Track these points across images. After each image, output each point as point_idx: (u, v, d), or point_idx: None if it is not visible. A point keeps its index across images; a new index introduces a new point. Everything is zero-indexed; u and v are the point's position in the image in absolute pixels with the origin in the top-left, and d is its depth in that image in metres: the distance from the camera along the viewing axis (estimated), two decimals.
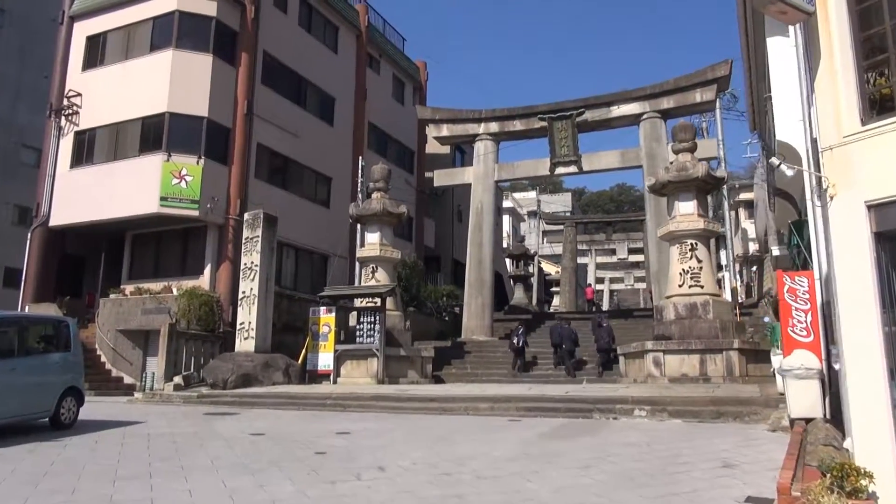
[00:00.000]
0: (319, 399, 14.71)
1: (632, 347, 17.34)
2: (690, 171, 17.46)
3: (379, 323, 19.02)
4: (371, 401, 13.90)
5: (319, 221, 25.20)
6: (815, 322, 9.52)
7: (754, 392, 12.63)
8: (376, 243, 21.07)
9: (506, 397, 13.02)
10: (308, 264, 25.10)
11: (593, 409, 11.92)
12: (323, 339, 19.44)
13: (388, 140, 30.75)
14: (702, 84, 25.26)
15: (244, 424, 11.53)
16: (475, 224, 27.35)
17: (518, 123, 27.61)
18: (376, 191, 21.54)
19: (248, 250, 18.77)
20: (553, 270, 61.43)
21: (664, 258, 24.52)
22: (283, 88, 24.22)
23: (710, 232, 17.66)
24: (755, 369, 15.81)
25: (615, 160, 26.59)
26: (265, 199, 22.02)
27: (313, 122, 25.69)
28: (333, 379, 18.95)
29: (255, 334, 18.09)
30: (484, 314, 26.20)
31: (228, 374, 17.01)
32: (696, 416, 11.17)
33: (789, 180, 12.61)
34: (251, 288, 18.43)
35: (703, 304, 16.82)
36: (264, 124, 22.97)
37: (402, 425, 11.18)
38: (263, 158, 23.05)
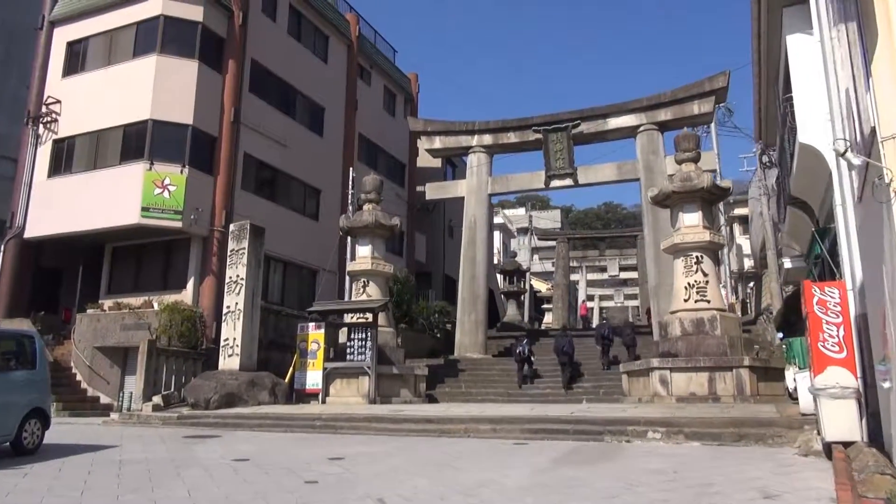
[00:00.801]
0: (308, 420, 13.81)
1: (636, 365, 16.60)
2: (695, 181, 16.86)
3: (370, 339, 18.16)
4: (364, 422, 13.02)
5: (308, 235, 24.37)
6: (849, 336, 8.81)
7: (772, 412, 11.90)
8: (368, 256, 20.25)
9: (509, 418, 12.19)
10: (296, 279, 24.21)
11: (603, 432, 11.12)
12: (311, 357, 18.54)
13: (379, 152, 30.06)
14: (699, 96, 24.89)
15: (227, 449, 10.61)
16: (468, 238, 26.64)
17: (512, 136, 27.04)
18: (368, 202, 20.76)
19: (234, 263, 17.89)
20: (543, 287, 60.82)
21: (663, 273, 23.94)
22: (272, 97, 23.49)
23: (715, 244, 17.04)
24: (766, 388, 15.12)
25: (612, 173, 26.04)
26: (252, 210, 21.20)
27: (302, 133, 24.94)
28: (322, 398, 18.03)
29: (240, 351, 17.16)
30: (477, 331, 25.42)
31: (211, 393, 16.05)
32: (715, 438, 10.40)
33: (806, 188, 12.01)
34: (236, 302, 17.52)
35: (710, 320, 16.13)
36: (252, 133, 22.19)
37: (399, 449, 10.31)
38: (250, 169, 22.23)
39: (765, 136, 16.99)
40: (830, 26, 9.22)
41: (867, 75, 5.59)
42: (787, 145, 12.21)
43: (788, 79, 11.97)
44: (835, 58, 8.62)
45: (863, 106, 5.89)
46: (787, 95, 10.51)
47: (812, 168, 10.60)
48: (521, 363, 19.83)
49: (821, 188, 11.04)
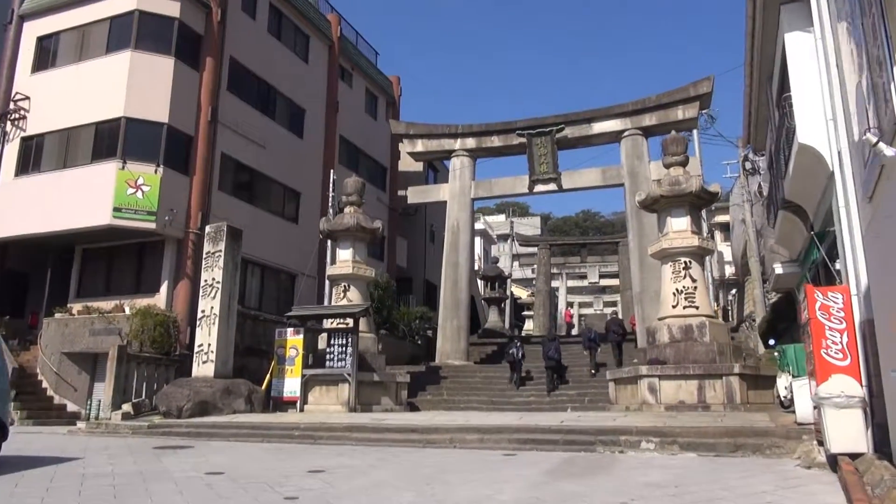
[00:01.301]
0: (286, 430, 13.22)
1: (623, 373, 16.25)
2: (684, 185, 16.61)
3: (351, 346, 17.61)
4: (345, 432, 12.47)
5: (287, 238, 23.75)
6: (852, 343, 8.49)
7: (766, 421, 11.59)
8: (349, 260, 19.71)
9: (496, 428, 11.73)
10: (274, 283, 23.56)
11: (595, 442, 10.71)
12: (289, 363, 17.92)
13: (360, 155, 29.53)
14: (684, 101, 24.80)
15: (199, 460, 10.01)
16: (451, 243, 26.23)
17: (496, 139, 26.73)
18: (349, 204, 20.23)
19: (210, 266, 17.24)
20: (524, 294, 60.54)
21: (648, 279, 23.74)
22: (251, 97, 22.88)
23: (704, 250, 16.79)
24: (756, 396, 14.85)
25: (596, 178, 25.83)
26: (229, 212, 20.55)
27: (282, 134, 24.34)
28: (300, 406, 17.43)
29: (214, 357, 16.50)
30: (459, 337, 24.99)
31: (184, 401, 15.37)
32: (710, 449, 10.04)
33: (801, 191, 11.74)
34: (212, 307, 16.87)
35: (698, 326, 15.85)
36: (229, 133, 21.56)
37: (383, 461, 9.80)
38: (228, 169, 21.58)
39: (754, 140, 16.78)
40: (833, 22, 8.96)
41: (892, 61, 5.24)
42: (783, 147, 11.95)
43: (784, 79, 11.71)
44: (841, 53, 8.33)
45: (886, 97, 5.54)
46: (785, 95, 10.23)
47: (810, 170, 10.31)
48: (513, 365, 20.03)
49: (817, 191, 10.76)
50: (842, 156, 8.76)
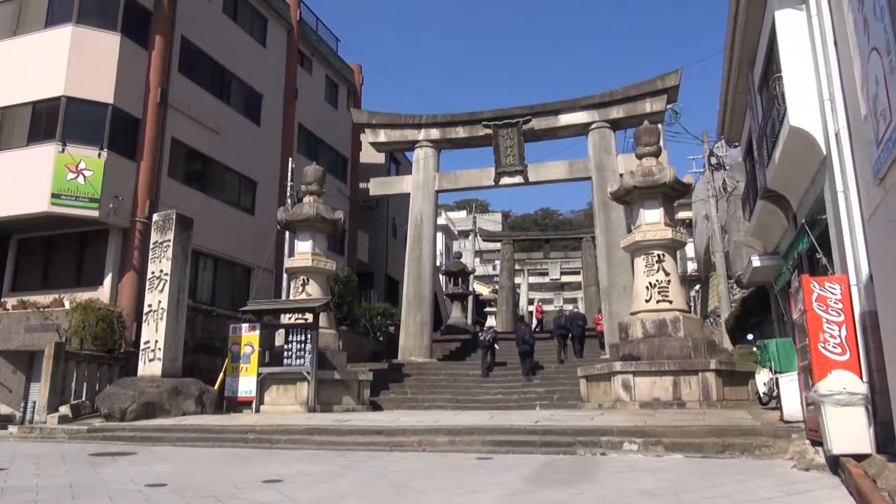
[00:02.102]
0: (240, 433, 12.23)
1: (596, 369, 15.67)
2: (657, 175, 16.11)
3: (310, 342, 16.65)
4: (304, 434, 11.55)
5: (243, 229, 22.57)
6: (852, 337, 7.99)
7: (749, 419, 11.10)
8: (308, 252, 18.71)
9: (468, 429, 10.97)
10: (229, 277, 22.35)
11: (575, 443, 10.04)
12: (244, 361, 16.85)
13: (320, 145, 28.42)
14: (651, 94, 24.42)
15: (140, 469, 8.99)
16: (414, 236, 25.42)
17: (461, 130, 26.00)
18: (309, 194, 19.22)
19: (157, 256, 16.04)
20: (485, 291, 60.04)
21: (615, 274, 23.35)
22: (204, 80, 21.61)
23: (677, 242, 16.34)
24: (731, 392, 14.43)
25: (563, 171, 25.31)
26: (180, 201, 19.30)
27: (238, 120, 23.12)
28: (256, 407, 16.41)
29: (162, 355, 15.33)
30: (423, 334, 24.20)
31: (128, 402, 14.20)
32: (697, 449, 9.46)
33: (786, 179, 11.29)
34: (159, 300, 15.69)
35: (672, 321, 15.37)
36: (181, 117, 20.28)
37: (346, 468, 8.93)
38: (179, 155, 20.31)
39: (728, 131, 16.39)
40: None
41: None
42: (766, 135, 11.48)
43: (769, 63, 11.24)
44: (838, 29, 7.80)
45: None
46: (774, 76, 9.72)
47: (799, 155, 9.84)
48: (486, 350, 20.35)
49: (805, 177, 10.30)
50: (840, 138, 8.23)
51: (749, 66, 12.75)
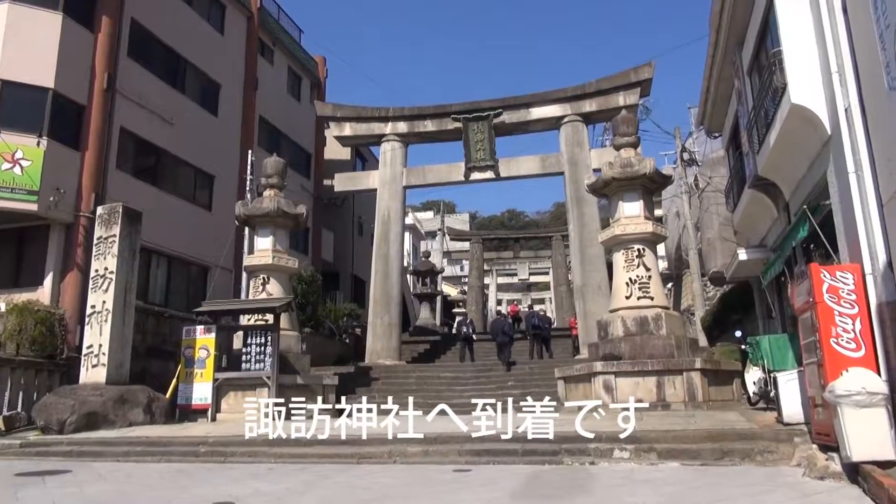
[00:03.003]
0: (191, 445, 11.09)
1: (575, 370, 14.86)
2: (636, 167, 15.38)
3: (271, 345, 15.53)
4: (262, 446, 10.47)
5: (199, 226, 21.27)
6: (867, 330, 7.29)
7: (743, 422, 10.40)
8: (268, 249, 17.56)
9: (443, 437, 10.05)
10: (184, 276, 21.04)
11: (560, 451, 9.19)
12: (199, 366, 15.63)
13: (282, 139, 27.18)
14: (625, 87, 23.84)
15: (69, 492, 7.85)
16: (381, 234, 24.40)
17: (430, 124, 25.09)
18: (269, 187, 18.06)
19: (102, 253, 14.72)
20: (453, 291, 59.18)
21: (589, 272, 22.68)
22: (156, 66, 20.26)
23: (658, 236, 15.63)
24: (717, 392, 13.76)
25: (535, 166, 24.58)
26: (130, 195, 17.89)
27: (193, 110, 21.82)
28: (212, 415, 15.21)
29: (106, 360, 14.01)
30: (391, 335, 23.20)
31: (67, 413, 12.89)
32: (694, 456, 8.67)
33: (781, 165, 10.63)
34: (103, 301, 14.38)
35: (654, 318, 14.65)
36: (131, 105, 18.94)
37: (309, 484, 7.93)
38: (128, 146, 18.95)
39: (709, 120, 15.79)
40: None
41: None
42: (757, 119, 10.81)
43: (762, 40, 10.57)
44: None
45: None
46: (774, 50, 9.01)
47: (798, 136, 9.16)
48: (465, 344, 21.29)
49: (803, 161, 9.63)
50: (850, 113, 7.54)
51: (737, 47, 12.09)
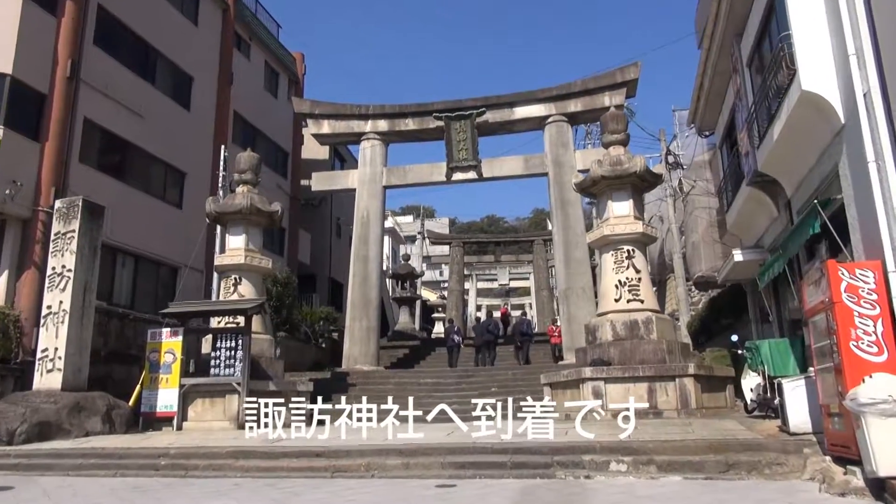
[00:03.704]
0: (151, 457, 10.20)
1: (562, 376, 14.19)
2: (626, 165, 14.82)
3: (242, 349, 14.68)
4: (228, 459, 9.64)
5: (169, 224, 20.32)
6: (889, 333, 6.71)
7: (744, 431, 9.79)
8: (241, 248, 16.72)
9: (424, 448, 9.30)
10: (152, 277, 20.05)
11: (552, 464, 8.48)
12: (165, 371, 14.72)
13: (258, 136, 26.26)
14: (610, 87, 23.39)
15: None
16: (360, 235, 23.63)
17: (410, 122, 24.43)
18: (242, 183, 17.23)
19: (59, 250, 13.76)
20: (432, 296, 58.41)
21: (573, 275, 22.13)
22: (125, 56, 19.30)
23: (648, 237, 15.06)
24: (710, 399, 13.22)
25: (518, 167, 24.02)
26: (94, 190, 16.94)
27: (165, 104, 20.87)
28: (178, 424, 14.30)
29: (63, 365, 13.04)
30: (369, 339, 22.43)
31: (17, 422, 11.91)
32: (697, 469, 8.03)
33: (785, 159, 10.07)
34: (60, 301, 13.42)
35: (644, 322, 14.06)
36: (96, 96, 17.98)
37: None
38: (93, 139, 17.97)
39: (702, 117, 15.27)
40: None
41: None
42: (758, 113, 10.25)
43: (765, 28, 10.03)
44: None
45: None
46: (783, 34, 8.44)
47: (807, 127, 8.59)
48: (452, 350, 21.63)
49: (810, 154, 9.07)
50: (870, 98, 6.98)
51: (736, 39, 11.56)
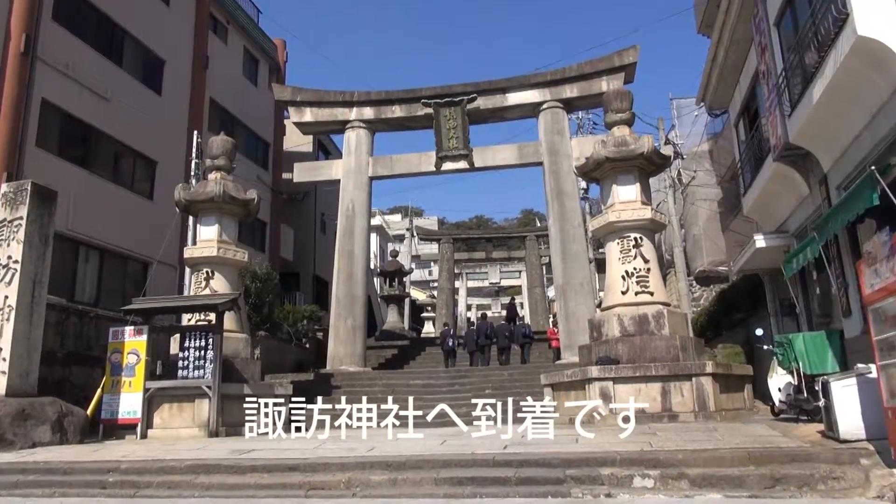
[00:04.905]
0: (99, 473, 8.82)
1: (566, 376, 12.96)
2: (633, 146, 13.64)
3: (212, 348, 13.33)
4: (187, 474, 8.29)
5: (138, 217, 18.94)
6: None
7: (779, 437, 8.58)
8: (213, 240, 15.35)
9: (414, 461, 7.99)
10: (119, 273, 18.65)
11: (565, 479, 7.21)
12: (128, 374, 13.33)
13: (237, 125, 24.88)
14: (608, 71, 22.24)
15: None
16: (345, 228, 22.31)
17: (398, 109, 23.14)
18: (215, 169, 15.85)
19: (5, 239, 12.29)
20: (422, 296, 57.07)
21: (571, 269, 20.94)
22: (87, 33, 17.90)
23: (657, 224, 13.90)
24: (728, 400, 12.02)
25: (511, 156, 22.77)
26: (53, 177, 15.46)
27: (133, 87, 19.47)
28: (142, 431, 12.94)
29: (8, 367, 11.60)
30: (355, 339, 21.11)
31: None
32: (736, 484, 6.80)
33: (826, 125, 8.88)
34: (5, 296, 11.97)
35: (655, 316, 12.85)
36: (55, 75, 16.58)
37: None
38: (52, 122, 16.57)
39: (714, 93, 14.06)
40: None
41: None
42: (789, 77, 9.06)
43: None
44: None
45: None
46: None
47: (858, 83, 7.38)
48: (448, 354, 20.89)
49: (858, 117, 7.84)
50: None
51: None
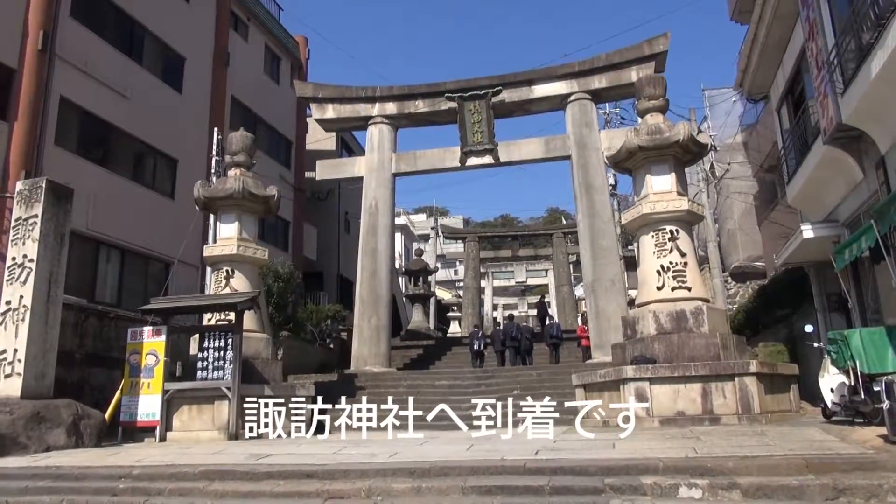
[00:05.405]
0: (111, 479, 8.44)
1: (598, 376, 12.33)
2: (667, 133, 12.96)
3: (232, 349, 12.96)
4: (200, 481, 7.87)
5: (159, 216, 18.74)
6: None
7: (835, 441, 7.88)
8: (233, 237, 15.02)
9: (439, 468, 7.45)
10: (140, 273, 18.45)
11: (604, 489, 6.61)
12: (147, 375, 13.04)
13: (259, 123, 24.63)
14: (638, 61, 21.54)
15: None
16: (368, 226, 21.90)
17: (421, 104, 22.68)
18: (235, 166, 15.52)
19: (20, 237, 12.08)
20: (447, 295, 56.60)
21: (601, 266, 20.28)
22: (107, 31, 17.74)
23: (694, 215, 13.18)
24: (773, 402, 11.29)
25: (538, 150, 22.18)
26: (72, 176, 15.23)
27: (154, 85, 19.28)
28: (161, 434, 12.64)
29: (22, 369, 11.34)
30: (379, 339, 20.68)
31: None
32: (795, 496, 6.14)
33: (883, 103, 8.17)
34: (21, 296, 11.72)
35: (693, 313, 12.16)
36: (74, 73, 16.40)
37: None
38: (71, 120, 16.41)
39: (752, 78, 13.31)
40: None
41: None
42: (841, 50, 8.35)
43: None
44: None
45: None
46: None
47: None
48: (477, 357, 20.85)
49: None
50: None
51: None
